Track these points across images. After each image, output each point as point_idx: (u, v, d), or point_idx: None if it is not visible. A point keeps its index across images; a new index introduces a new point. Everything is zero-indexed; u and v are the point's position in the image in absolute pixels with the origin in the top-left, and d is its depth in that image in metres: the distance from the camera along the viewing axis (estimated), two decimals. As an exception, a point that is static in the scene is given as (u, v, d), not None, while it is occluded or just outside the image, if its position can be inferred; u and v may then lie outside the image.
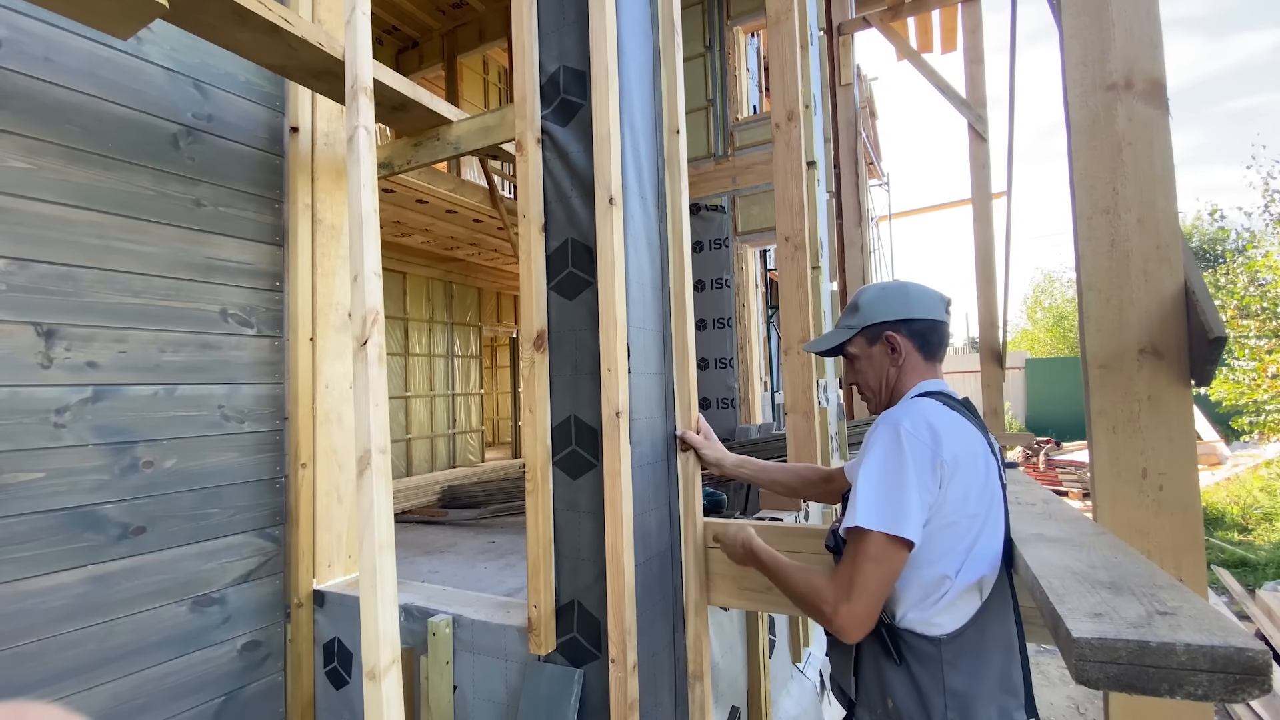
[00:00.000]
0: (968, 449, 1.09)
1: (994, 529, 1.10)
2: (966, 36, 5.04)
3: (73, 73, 1.72)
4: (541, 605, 1.72)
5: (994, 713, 1.06)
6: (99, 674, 1.72)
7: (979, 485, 1.08)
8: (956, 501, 1.07)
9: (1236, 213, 13.79)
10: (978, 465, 1.09)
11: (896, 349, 1.26)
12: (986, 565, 1.08)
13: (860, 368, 1.34)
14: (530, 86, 1.82)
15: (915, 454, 1.06)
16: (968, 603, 1.09)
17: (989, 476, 1.11)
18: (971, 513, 1.07)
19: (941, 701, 1.06)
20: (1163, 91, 1.38)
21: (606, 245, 1.66)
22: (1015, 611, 1.14)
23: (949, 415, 1.13)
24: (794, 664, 3.13)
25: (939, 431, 1.08)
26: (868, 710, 1.16)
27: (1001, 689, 1.07)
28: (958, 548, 1.07)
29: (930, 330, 1.26)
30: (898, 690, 1.11)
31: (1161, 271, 1.32)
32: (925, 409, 1.13)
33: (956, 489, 1.06)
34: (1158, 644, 0.60)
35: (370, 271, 1.37)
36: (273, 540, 2.17)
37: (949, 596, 1.08)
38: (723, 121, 5.00)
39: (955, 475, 1.06)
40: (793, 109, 2.63)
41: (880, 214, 12.99)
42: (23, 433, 1.61)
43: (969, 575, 1.08)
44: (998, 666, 1.08)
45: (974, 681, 1.06)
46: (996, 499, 1.12)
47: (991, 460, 1.14)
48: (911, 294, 1.28)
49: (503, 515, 4.25)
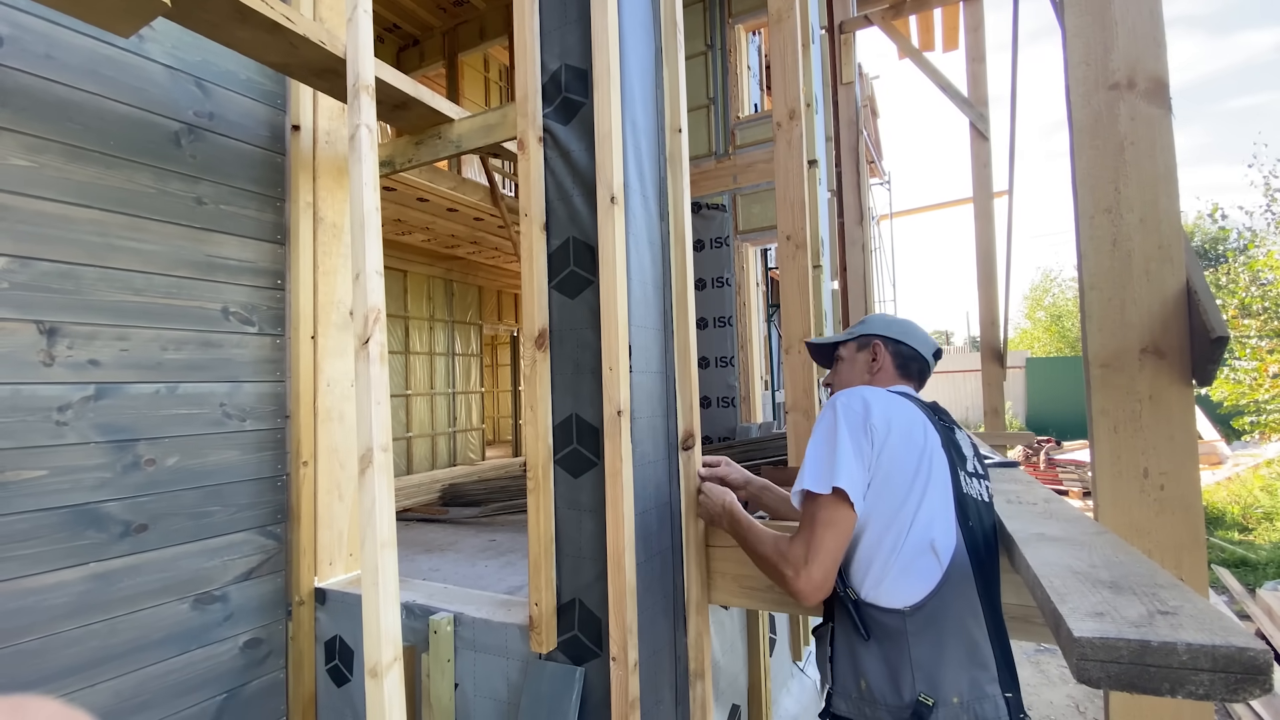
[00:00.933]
0: (901, 416, 1.19)
1: (940, 495, 1.15)
2: (968, 35, 5.03)
3: (74, 70, 1.72)
4: (543, 603, 1.73)
5: (964, 684, 1.08)
6: (101, 671, 1.72)
7: (917, 448, 1.17)
8: (894, 459, 1.15)
9: (1238, 212, 13.75)
10: (914, 432, 1.18)
11: (877, 358, 1.41)
12: (937, 530, 1.13)
13: (841, 369, 1.48)
14: (532, 85, 1.82)
15: (848, 420, 1.17)
16: (925, 570, 1.12)
17: (928, 444, 1.18)
18: (911, 472, 1.15)
19: (910, 673, 1.09)
20: (1165, 91, 1.38)
21: (608, 244, 1.66)
22: (991, 599, 1.15)
23: (883, 392, 1.24)
24: (794, 662, 3.14)
25: (869, 401, 1.20)
26: (844, 698, 1.19)
27: (970, 661, 1.09)
28: (905, 509, 1.14)
29: (912, 359, 1.41)
30: (869, 669, 1.14)
31: (1164, 271, 1.32)
32: (858, 388, 1.26)
33: (892, 448, 1.16)
34: (1159, 643, 0.60)
35: (372, 270, 1.37)
36: (274, 538, 2.17)
37: (902, 558, 1.12)
38: (724, 120, 4.99)
39: (889, 436, 1.16)
40: (794, 107, 2.63)
41: (881, 213, 12.98)
42: (25, 430, 1.61)
43: (919, 535, 1.12)
44: (962, 638, 1.10)
45: (938, 652, 1.09)
46: (939, 468, 1.18)
47: (932, 433, 1.21)
48: (911, 329, 1.44)
49: (503, 513, 4.26)
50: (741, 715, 2.47)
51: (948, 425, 1.29)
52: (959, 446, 1.27)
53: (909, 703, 1.08)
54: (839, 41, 5.51)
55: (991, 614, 1.14)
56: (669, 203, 1.92)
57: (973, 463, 1.28)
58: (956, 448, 1.25)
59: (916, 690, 1.08)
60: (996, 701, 1.08)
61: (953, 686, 1.07)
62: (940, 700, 1.06)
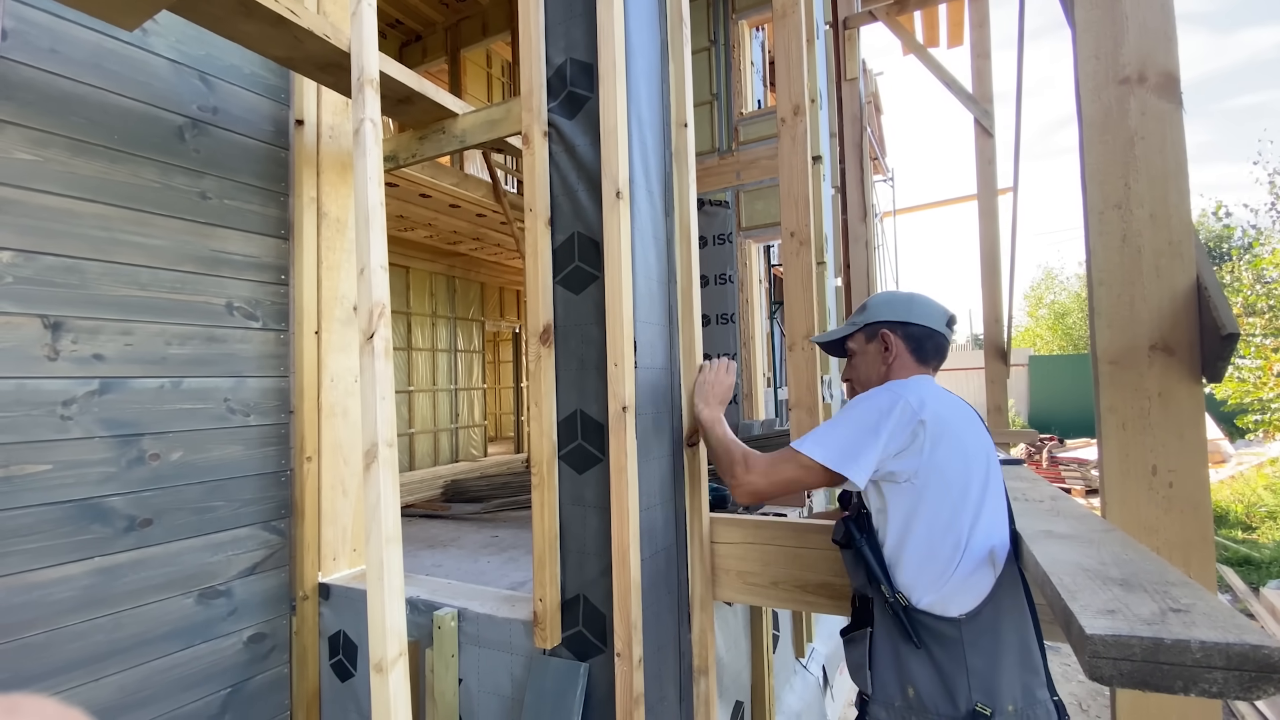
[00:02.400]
0: (958, 416, 1.18)
1: (997, 501, 1.14)
2: (973, 31, 5.00)
3: (78, 64, 1.72)
4: (547, 599, 1.72)
5: (1018, 691, 1.06)
6: (106, 665, 1.73)
7: (976, 450, 1.15)
8: (950, 459, 1.13)
9: (1242, 210, 13.65)
10: (971, 432, 1.17)
11: (889, 347, 1.35)
12: (996, 536, 1.11)
13: (856, 363, 1.43)
14: (537, 79, 1.81)
15: (899, 412, 1.16)
16: (982, 579, 1.10)
17: (981, 445, 1.17)
18: (969, 477, 1.12)
19: (965, 682, 1.06)
20: (1176, 85, 1.37)
21: (613, 239, 1.66)
22: (1027, 593, 1.14)
23: (940, 389, 1.23)
24: (797, 659, 3.14)
25: (925, 398, 1.18)
26: (884, 706, 1.15)
27: (1023, 667, 1.07)
28: (963, 515, 1.11)
29: (926, 337, 1.35)
30: (918, 677, 1.11)
31: (1173, 267, 1.31)
32: (917, 382, 1.24)
33: (947, 445, 1.13)
34: (1172, 641, 0.59)
35: (377, 265, 1.37)
36: (278, 533, 2.18)
37: (963, 569, 1.09)
38: (727, 116, 4.97)
39: (943, 434, 1.14)
40: (798, 103, 2.61)
41: (885, 210, 12.95)
42: (30, 425, 1.61)
43: (980, 544, 1.10)
44: (1016, 645, 1.08)
45: (995, 660, 1.06)
46: (995, 472, 1.17)
47: (985, 434, 1.20)
48: (916, 302, 1.38)
49: (505, 510, 4.26)
50: (745, 712, 2.47)
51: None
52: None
53: (965, 713, 1.05)
54: (843, 37, 5.49)
55: (1030, 612, 1.13)
56: (674, 198, 1.91)
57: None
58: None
59: (973, 700, 1.05)
60: (1048, 707, 1.06)
61: (1008, 694, 1.05)
62: (997, 709, 1.04)
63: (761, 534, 1.76)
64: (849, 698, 3.94)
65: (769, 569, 1.73)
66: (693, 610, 1.81)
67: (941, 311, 1.37)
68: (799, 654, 3.17)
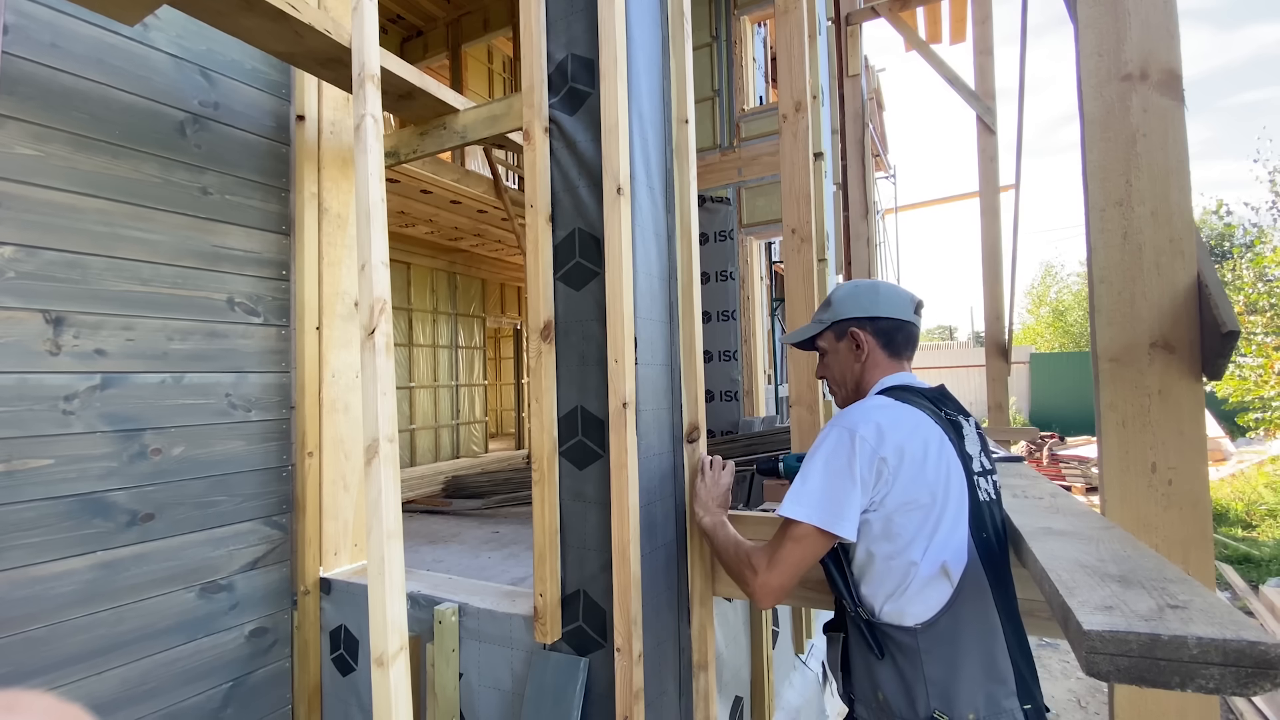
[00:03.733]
0: (915, 439, 1.13)
1: (956, 515, 1.12)
2: (976, 27, 4.98)
3: (79, 59, 1.72)
4: (547, 594, 1.73)
5: (980, 700, 1.06)
6: (108, 659, 1.73)
7: (933, 474, 1.12)
8: (909, 488, 1.11)
9: (1243, 208, 13.60)
10: (929, 455, 1.13)
11: (861, 345, 1.32)
12: (949, 551, 1.10)
13: (828, 362, 1.41)
14: (538, 75, 1.81)
15: (860, 452, 1.11)
16: (937, 590, 1.10)
17: (943, 463, 1.13)
18: (928, 500, 1.11)
19: (924, 690, 1.08)
20: (1178, 82, 1.37)
21: (614, 235, 1.66)
22: (1006, 602, 1.14)
23: (898, 410, 1.17)
24: (796, 655, 3.15)
25: (884, 429, 1.13)
26: (864, 705, 1.19)
27: (987, 676, 1.08)
28: (920, 533, 1.11)
29: (896, 329, 1.31)
30: (885, 683, 1.14)
31: (1175, 264, 1.31)
32: (874, 408, 1.18)
33: (906, 477, 1.11)
34: (1169, 637, 0.60)
35: (378, 260, 1.37)
36: (279, 528, 2.18)
37: (915, 583, 1.11)
38: (729, 112, 4.96)
39: (902, 465, 1.11)
40: (800, 100, 2.61)
41: (886, 207, 12.93)
42: (32, 419, 1.62)
43: (933, 560, 1.10)
44: (978, 654, 1.08)
45: (952, 669, 1.07)
46: (956, 487, 1.13)
47: (947, 447, 1.16)
48: (881, 293, 1.33)
49: (506, 506, 4.27)
50: (744, 707, 2.48)
51: (954, 420, 1.25)
52: (965, 446, 1.22)
53: (924, 719, 1.07)
54: (845, 33, 5.47)
55: (1009, 620, 1.13)
56: (675, 195, 1.91)
57: (979, 460, 1.25)
58: (964, 449, 1.21)
59: (931, 707, 1.07)
60: (1014, 715, 1.06)
61: (968, 703, 1.06)
62: (956, 717, 1.05)
63: (761, 530, 1.76)
64: (848, 694, 3.95)
65: (769, 565, 1.73)
66: (692, 606, 1.82)
67: (908, 298, 1.34)
68: (798, 650, 3.18)
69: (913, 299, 1.34)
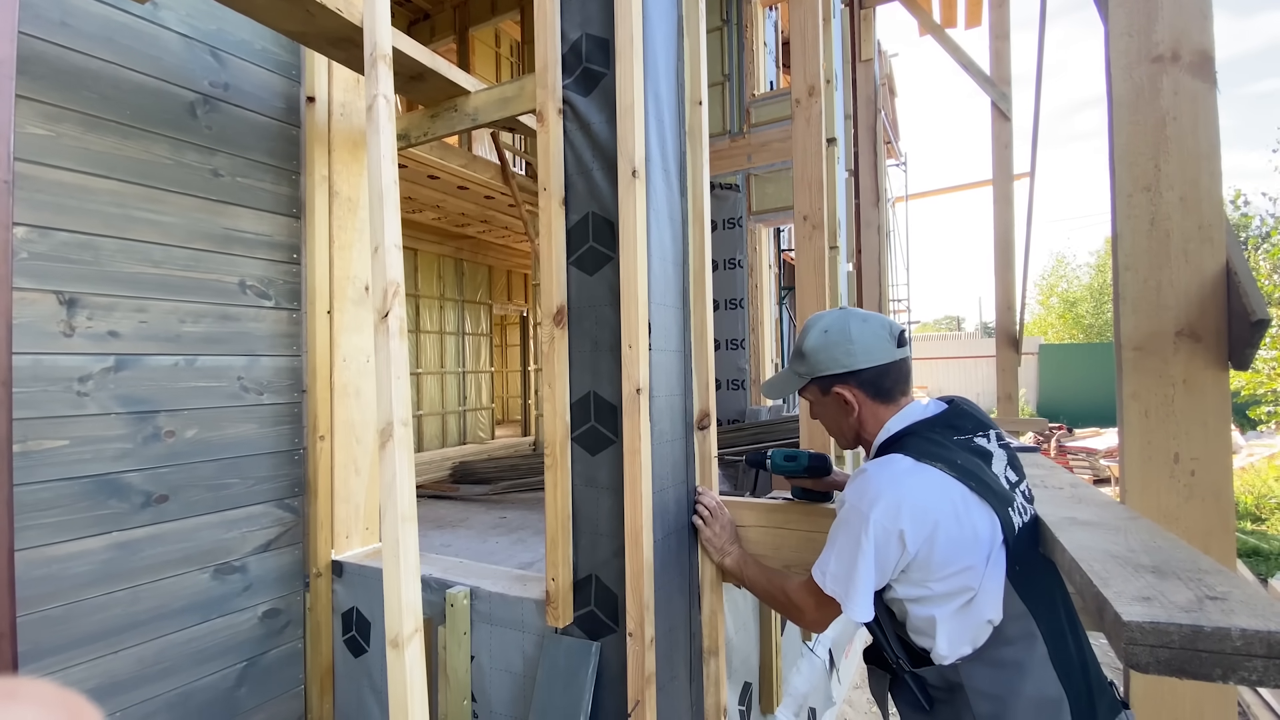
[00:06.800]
0: (947, 512, 1.06)
1: (996, 577, 1.07)
2: (992, 11, 4.89)
3: (89, 38, 1.70)
4: (560, 579, 1.73)
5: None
6: (124, 638, 1.75)
7: (970, 539, 1.06)
8: (946, 554, 1.06)
9: (1260, 198, 13.40)
10: (962, 523, 1.06)
11: (849, 402, 1.25)
12: (991, 608, 1.06)
13: (819, 413, 1.35)
14: (551, 55, 1.78)
15: (880, 542, 1.07)
16: (981, 637, 1.08)
17: (978, 527, 1.07)
18: (966, 564, 1.06)
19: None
20: (1211, 64, 1.33)
21: (629, 219, 1.64)
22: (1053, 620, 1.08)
23: (922, 483, 1.08)
24: (805, 642, 3.16)
25: (901, 500, 1.06)
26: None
27: (1038, 712, 1.03)
28: (961, 595, 1.07)
29: (881, 376, 1.23)
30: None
31: (1203, 252, 1.28)
32: (900, 486, 1.08)
33: (940, 547, 1.06)
34: (1212, 629, 0.59)
35: (391, 244, 1.36)
36: (292, 511, 2.19)
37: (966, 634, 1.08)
38: (739, 97, 4.90)
39: (936, 534, 1.05)
40: (814, 84, 2.56)
41: (897, 195, 12.80)
42: (46, 400, 1.62)
43: (978, 616, 1.07)
44: (1028, 695, 1.04)
45: (1001, 706, 1.04)
46: (997, 550, 1.07)
47: (972, 502, 1.07)
48: (855, 339, 1.22)
49: (513, 492, 4.28)
50: (753, 693, 2.49)
51: (975, 447, 1.16)
52: (993, 466, 1.15)
53: None
54: (859, 17, 5.39)
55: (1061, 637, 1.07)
56: (689, 178, 1.88)
57: (1005, 475, 1.17)
58: (991, 470, 1.14)
59: None
60: None
61: None
62: None
63: (774, 517, 1.75)
64: (854, 680, 3.97)
65: (781, 552, 1.73)
66: (703, 592, 1.82)
67: (885, 334, 1.24)
68: (806, 638, 3.19)
69: (891, 330, 1.25)
